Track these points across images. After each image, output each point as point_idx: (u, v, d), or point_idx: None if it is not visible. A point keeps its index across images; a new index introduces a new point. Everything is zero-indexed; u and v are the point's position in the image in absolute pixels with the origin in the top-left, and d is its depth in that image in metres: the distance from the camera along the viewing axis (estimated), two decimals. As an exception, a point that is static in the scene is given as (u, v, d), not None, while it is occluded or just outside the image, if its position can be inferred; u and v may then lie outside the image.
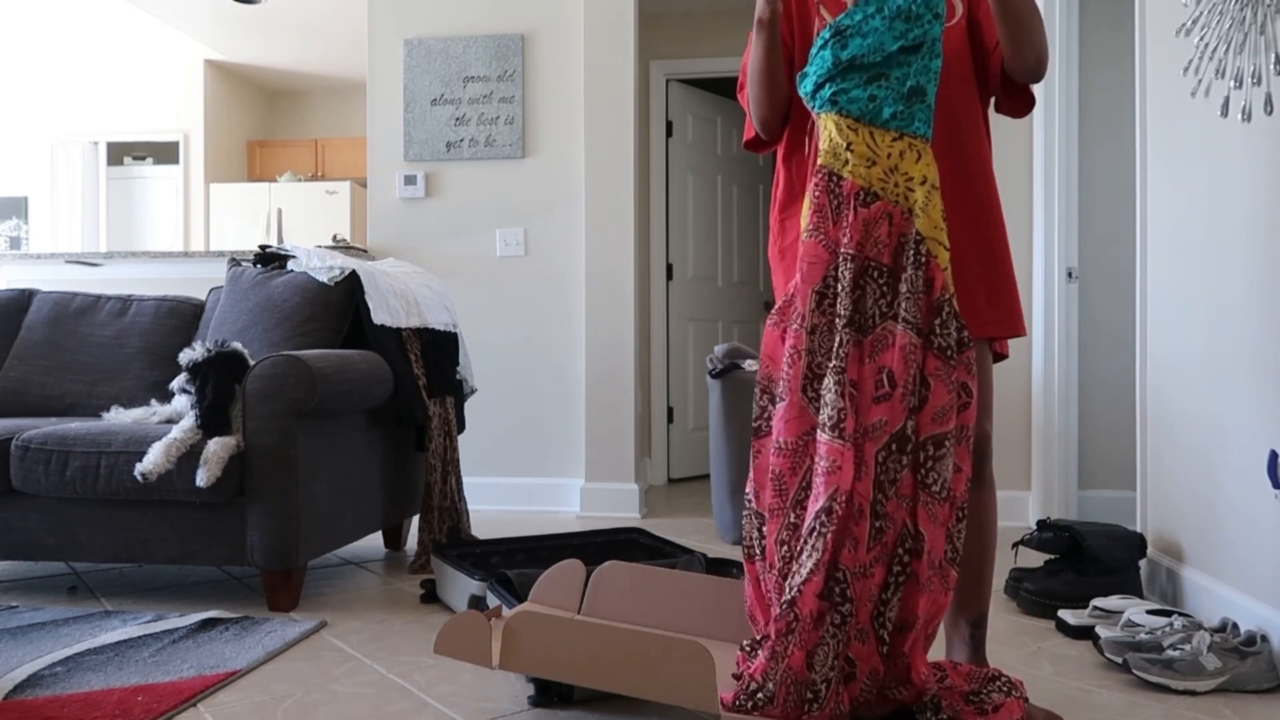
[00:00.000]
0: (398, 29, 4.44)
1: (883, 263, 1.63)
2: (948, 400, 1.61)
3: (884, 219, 1.62)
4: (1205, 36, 2.37)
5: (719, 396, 3.66)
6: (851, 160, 1.63)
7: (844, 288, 1.62)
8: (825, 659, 1.55)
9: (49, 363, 3.27)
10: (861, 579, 1.58)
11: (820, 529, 1.56)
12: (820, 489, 1.57)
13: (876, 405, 1.60)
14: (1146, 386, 2.81)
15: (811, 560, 1.56)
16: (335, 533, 2.77)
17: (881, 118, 1.63)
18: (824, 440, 1.59)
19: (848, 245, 1.62)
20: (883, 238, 1.63)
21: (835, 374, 1.60)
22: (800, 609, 1.55)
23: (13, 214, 7.99)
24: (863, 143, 1.63)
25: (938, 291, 1.63)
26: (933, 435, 1.60)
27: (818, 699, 1.54)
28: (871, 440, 1.59)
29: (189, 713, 1.85)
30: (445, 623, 1.72)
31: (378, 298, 3.06)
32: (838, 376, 1.60)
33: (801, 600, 1.55)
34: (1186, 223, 2.54)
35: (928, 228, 1.63)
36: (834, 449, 1.57)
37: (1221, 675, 1.96)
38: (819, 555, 1.55)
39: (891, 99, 1.62)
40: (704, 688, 1.56)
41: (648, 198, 5.22)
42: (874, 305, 1.62)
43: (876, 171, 1.63)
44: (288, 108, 8.77)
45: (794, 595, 1.56)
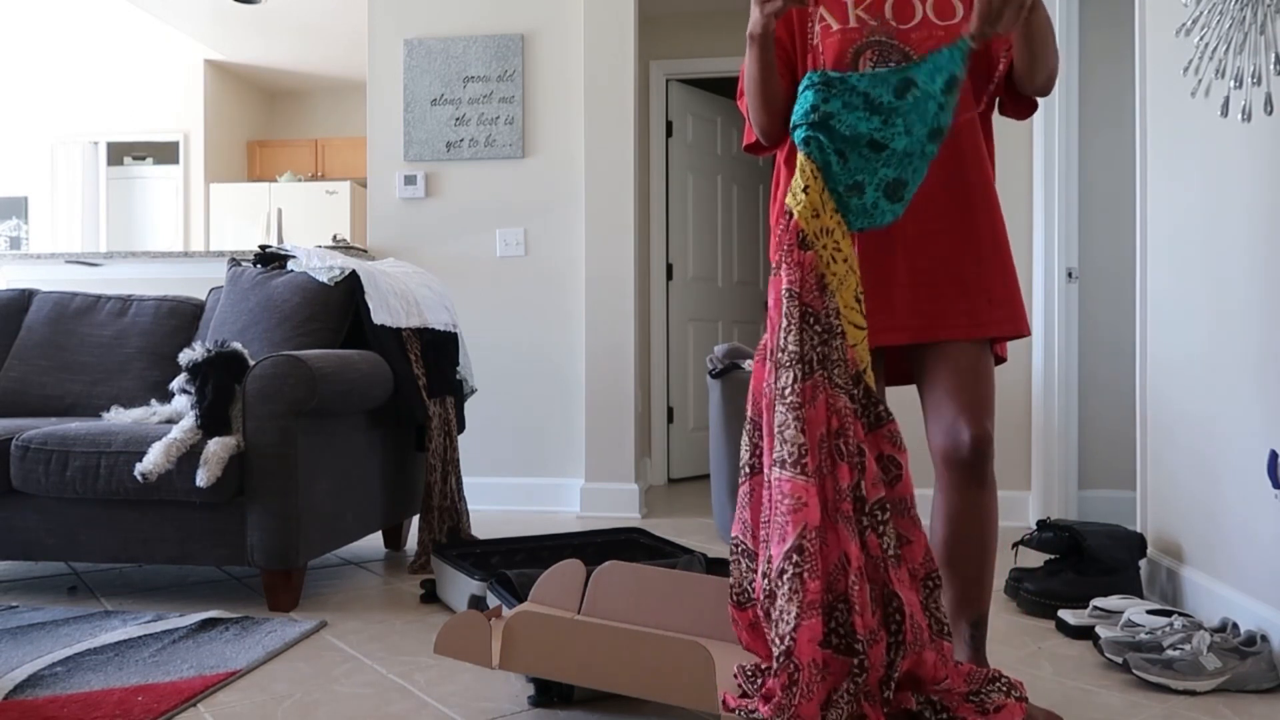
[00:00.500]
0: (398, 29, 4.44)
1: (817, 311, 1.62)
2: (876, 469, 1.60)
3: (813, 271, 1.62)
4: (1205, 36, 2.37)
5: (719, 396, 3.66)
6: (803, 203, 1.62)
7: (792, 324, 1.60)
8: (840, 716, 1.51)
9: (49, 363, 3.27)
10: (874, 645, 1.54)
11: (795, 570, 1.51)
12: (788, 529, 1.52)
13: (839, 462, 1.58)
14: (1146, 386, 2.81)
15: (794, 605, 1.50)
16: (335, 533, 2.77)
17: (835, 190, 1.62)
18: (785, 477, 1.54)
19: (791, 283, 1.62)
20: (812, 288, 1.62)
21: (792, 410, 1.57)
22: (800, 658, 1.49)
23: (13, 214, 7.99)
24: (816, 193, 1.62)
25: (851, 364, 1.62)
26: (878, 500, 1.59)
27: None
28: (848, 501, 1.57)
29: (189, 713, 1.85)
30: (445, 623, 1.72)
31: (378, 298, 3.06)
32: (796, 413, 1.56)
33: (799, 649, 1.49)
34: (1186, 223, 2.55)
35: (843, 305, 1.62)
36: (797, 486, 1.53)
37: (1221, 675, 1.96)
38: (801, 597, 1.50)
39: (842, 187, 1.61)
40: (704, 688, 1.56)
41: (648, 198, 5.23)
42: (811, 351, 1.60)
43: (815, 225, 1.62)
44: (288, 108, 8.77)
45: (788, 645, 1.50)
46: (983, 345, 1.78)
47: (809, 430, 1.56)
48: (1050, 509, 3.73)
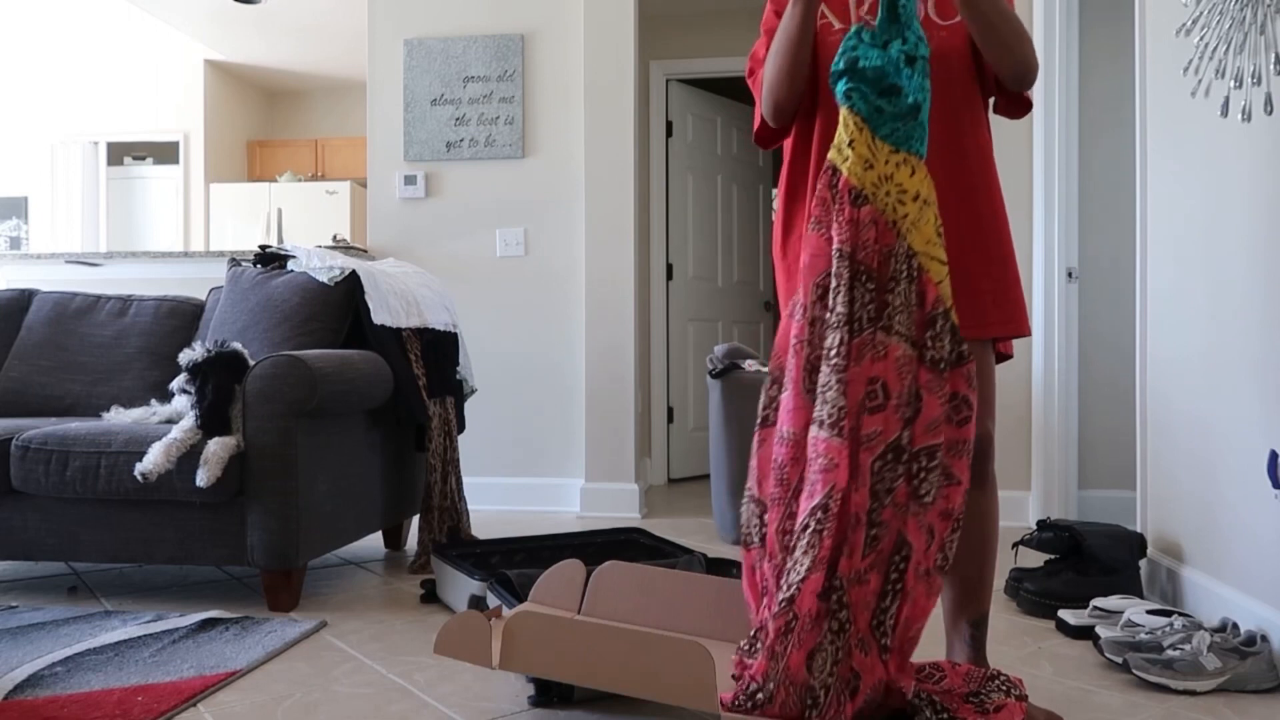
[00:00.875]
0: (398, 29, 4.44)
1: (870, 268, 1.63)
2: (940, 413, 1.61)
3: (871, 225, 1.62)
4: (1205, 36, 2.37)
5: (719, 396, 3.66)
6: (851, 158, 1.63)
7: (841, 284, 1.62)
8: (824, 665, 1.55)
9: (49, 363, 3.27)
10: (858, 585, 1.57)
11: (816, 526, 1.56)
12: (817, 486, 1.57)
13: (871, 415, 1.60)
14: (1146, 387, 2.81)
15: (809, 558, 1.55)
16: (335, 533, 2.77)
17: (881, 131, 1.63)
18: (822, 437, 1.59)
19: (842, 243, 1.63)
20: (870, 242, 1.62)
21: (836, 372, 1.60)
22: (799, 608, 1.55)
23: (13, 214, 7.99)
24: (864, 144, 1.63)
25: (930, 305, 1.62)
26: (925, 447, 1.60)
27: (817, 705, 1.54)
28: (867, 449, 1.59)
29: (189, 713, 1.85)
30: (445, 623, 1.72)
31: (378, 298, 3.06)
32: (839, 375, 1.60)
33: (800, 598, 1.55)
34: (1186, 223, 2.54)
35: (920, 243, 1.62)
36: (832, 446, 1.57)
37: (1221, 675, 1.96)
38: (816, 552, 1.55)
39: (891, 116, 1.62)
40: (704, 688, 1.56)
41: (648, 198, 5.23)
42: (861, 309, 1.62)
43: (871, 176, 1.63)
44: (288, 108, 8.77)
45: (793, 593, 1.55)
46: (985, 345, 1.78)
47: (850, 392, 1.59)
48: (1050, 509, 3.73)
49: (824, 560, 1.55)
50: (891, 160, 1.63)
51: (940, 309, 1.62)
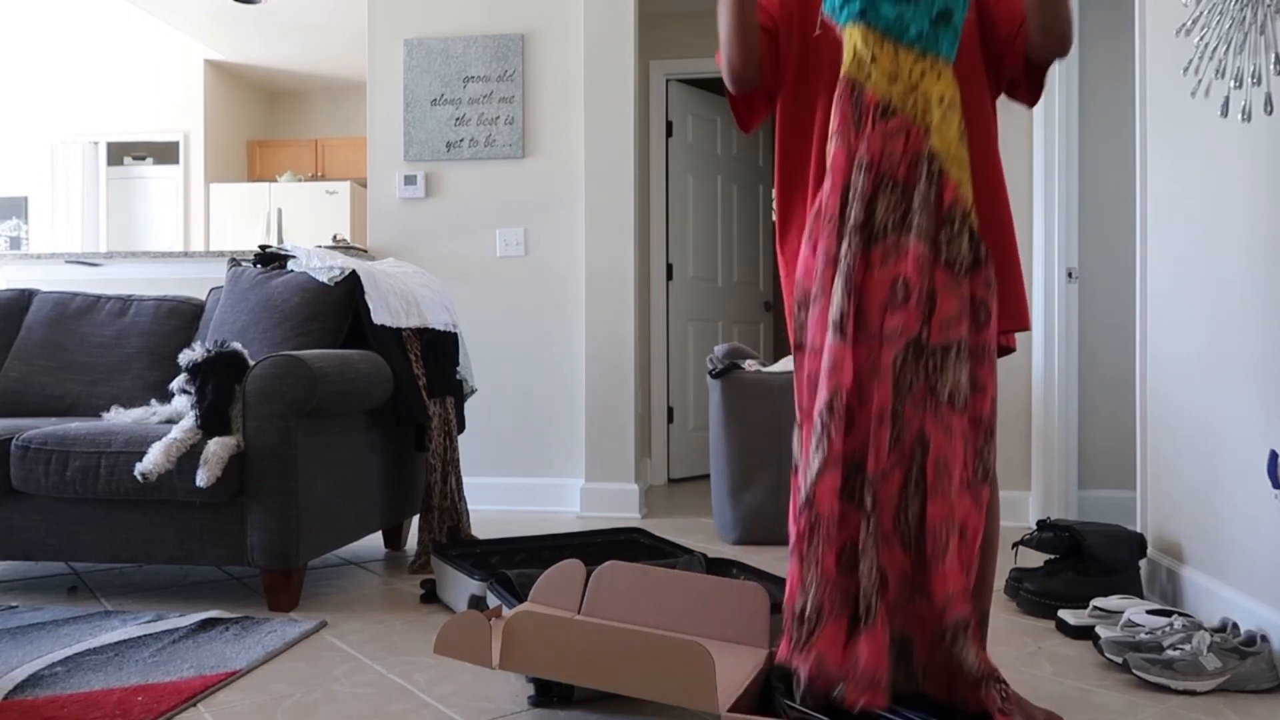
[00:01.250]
0: (398, 29, 4.44)
1: (897, 177, 1.64)
2: (955, 309, 1.62)
3: (901, 134, 1.64)
4: (1205, 36, 2.37)
5: (719, 396, 3.67)
6: (874, 74, 1.65)
7: (857, 195, 1.63)
8: (869, 569, 1.56)
9: (49, 363, 3.27)
10: (884, 482, 1.59)
11: (823, 426, 1.58)
12: (823, 388, 1.60)
13: (892, 313, 1.62)
14: (1147, 386, 2.81)
15: (819, 457, 1.57)
16: (335, 533, 2.77)
17: (908, 36, 1.64)
18: (829, 341, 1.61)
19: (864, 155, 1.64)
20: (898, 152, 1.64)
21: (843, 276, 1.62)
22: (820, 507, 1.57)
23: (13, 214, 7.99)
24: (887, 58, 1.65)
25: (947, 205, 1.64)
26: (941, 344, 1.62)
27: (870, 613, 1.55)
28: (889, 346, 1.61)
29: (189, 713, 1.86)
30: (445, 623, 1.72)
31: (378, 298, 3.06)
32: (845, 279, 1.62)
33: (819, 499, 1.57)
34: (1186, 222, 2.54)
35: (941, 145, 1.64)
36: (835, 348, 1.60)
37: (1221, 675, 1.96)
38: (825, 451, 1.57)
39: (919, 19, 1.64)
40: (704, 688, 1.56)
41: (648, 198, 5.23)
42: (886, 216, 1.64)
43: (897, 88, 1.65)
44: (288, 108, 8.77)
45: (810, 493, 1.57)
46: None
47: (873, 294, 1.62)
48: (1050, 509, 3.73)
49: (836, 459, 1.57)
50: (916, 68, 1.65)
51: (959, 210, 1.64)
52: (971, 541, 1.60)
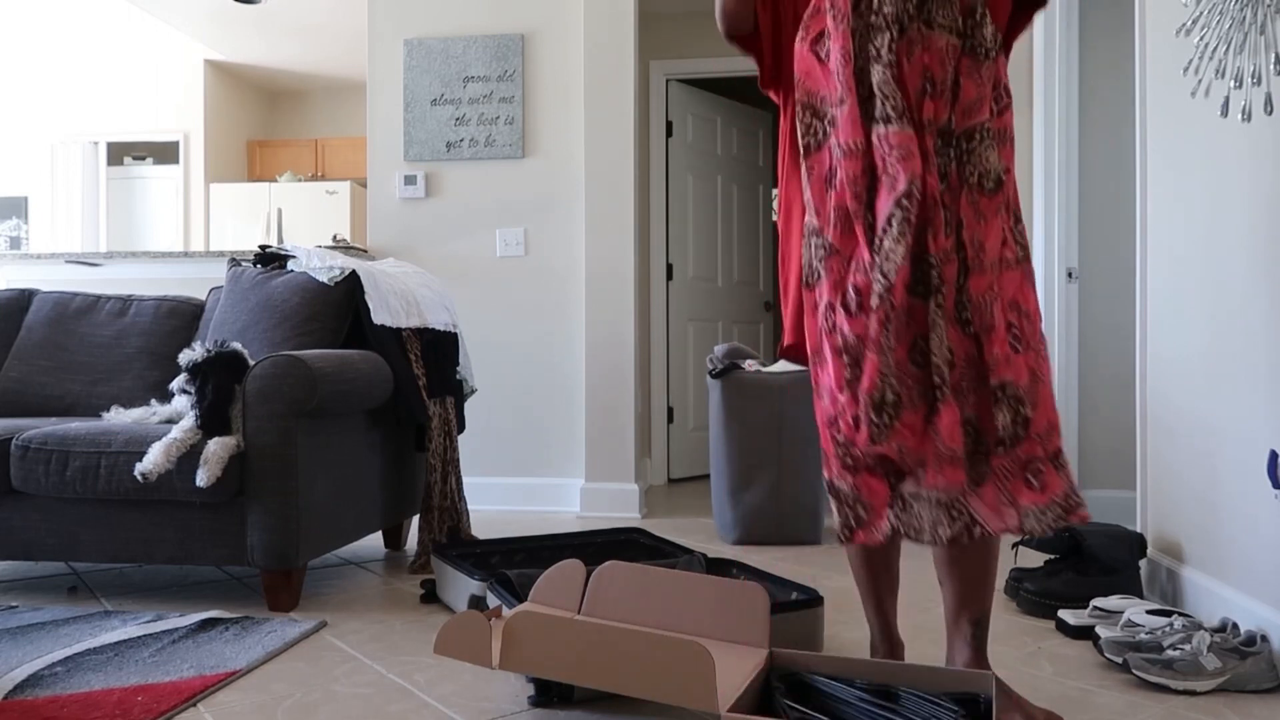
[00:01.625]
0: (398, 29, 4.44)
1: None
2: (976, 93, 1.66)
3: None
4: (1205, 36, 2.37)
5: (719, 396, 3.66)
6: None
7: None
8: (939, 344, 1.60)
9: (49, 363, 3.27)
10: (946, 264, 1.63)
11: (903, 214, 1.59)
12: (900, 176, 1.60)
13: (925, 102, 1.64)
14: (1147, 386, 2.81)
15: (900, 247, 1.59)
16: (335, 533, 2.77)
17: None
18: (893, 130, 1.62)
19: None
20: None
21: (889, 68, 1.63)
22: (895, 298, 1.59)
23: (13, 214, 7.99)
24: None
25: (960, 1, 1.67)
26: (965, 129, 1.66)
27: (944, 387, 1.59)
28: (929, 134, 1.64)
29: (189, 713, 1.86)
30: (445, 623, 1.72)
31: (378, 298, 3.06)
32: (893, 70, 1.63)
33: (894, 290, 1.59)
34: (1187, 222, 2.54)
35: None
36: (905, 136, 1.61)
37: (1221, 675, 1.96)
38: (906, 241, 1.59)
39: None
40: (704, 688, 1.56)
41: (648, 198, 5.23)
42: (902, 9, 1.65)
43: None
44: (288, 108, 8.77)
45: (889, 283, 1.59)
46: None
47: (909, 84, 1.64)
48: (1050, 509, 3.72)
49: (910, 249, 1.59)
50: None
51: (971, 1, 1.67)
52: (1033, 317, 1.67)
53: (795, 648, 2.03)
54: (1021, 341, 1.66)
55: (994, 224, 1.66)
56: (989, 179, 1.65)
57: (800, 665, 1.78)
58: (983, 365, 1.64)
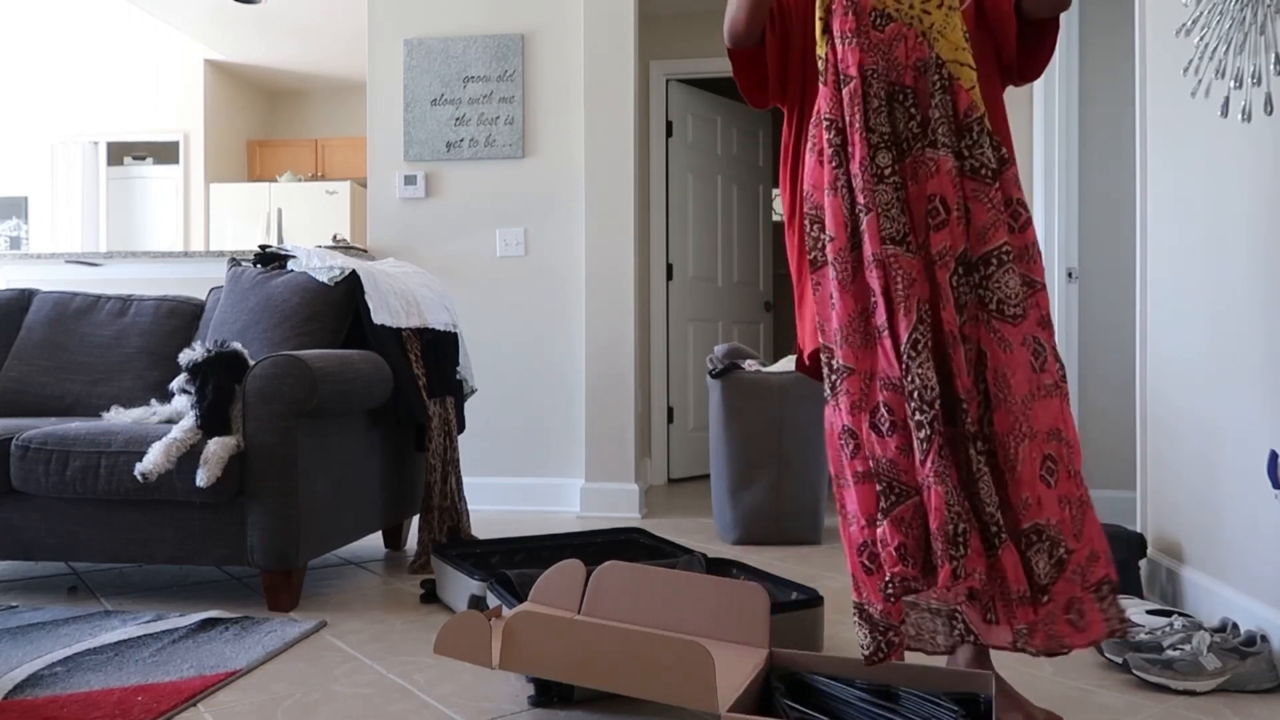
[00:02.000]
0: (398, 29, 4.44)
1: (906, 84, 1.62)
2: (989, 218, 1.60)
3: (899, 40, 1.62)
4: (1205, 36, 2.37)
5: (719, 396, 3.66)
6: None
7: (882, 105, 1.61)
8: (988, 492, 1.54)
9: (49, 363, 3.27)
10: (972, 403, 1.57)
11: (922, 339, 1.54)
12: (910, 304, 1.55)
13: (936, 233, 1.59)
14: (1147, 386, 2.81)
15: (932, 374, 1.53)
16: (335, 533, 2.77)
17: None
18: (899, 252, 1.57)
19: (871, 64, 1.61)
20: (900, 59, 1.62)
21: (895, 190, 1.59)
22: (940, 426, 1.52)
23: (13, 214, 7.99)
24: None
25: (963, 113, 1.62)
26: (983, 255, 1.60)
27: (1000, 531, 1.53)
28: (942, 267, 1.58)
29: (189, 713, 1.86)
30: (445, 623, 1.72)
31: (378, 298, 3.06)
32: (899, 192, 1.59)
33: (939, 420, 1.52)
34: (1187, 222, 2.55)
35: (948, 51, 1.61)
36: (910, 263, 1.57)
37: (1221, 675, 1.96)
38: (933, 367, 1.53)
39: None
40: (704, 688, 1.56)
41: (648, 198, 5.23)
42: (905, 128, 1.61)
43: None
44: (288, 108, 8.77)
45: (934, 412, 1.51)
46: None
47: (913, 210, 1.59)
48: (1050, 509, 3.72)
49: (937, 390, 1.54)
50: None
51: (975, 115, 1.62)
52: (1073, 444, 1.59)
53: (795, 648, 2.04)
54: (1056, 474, 1.59)
55: (1020, 355, 1.58)
56: (1010, 305, 1.58)
57: (800, 665, 1.78)
58: (1009, 509, 1.57)
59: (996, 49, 1.79)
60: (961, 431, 1.55)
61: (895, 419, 1.56)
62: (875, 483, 1.58)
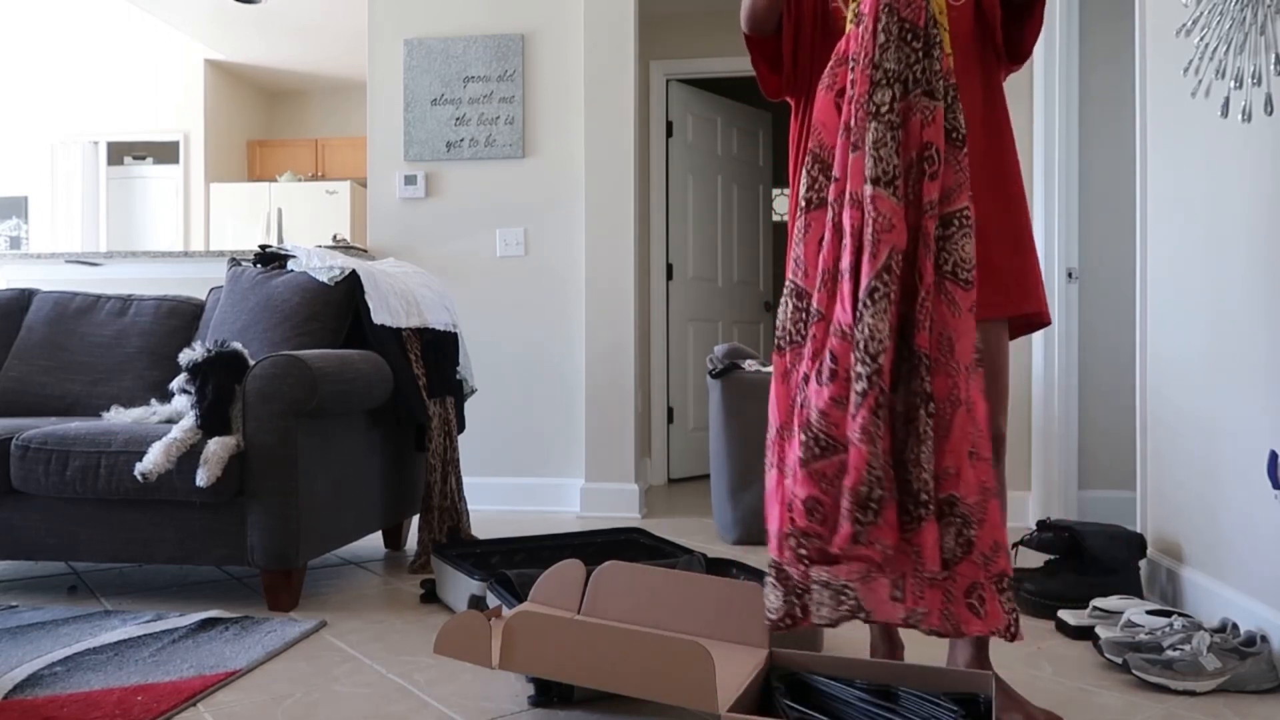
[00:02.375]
0: (398, 29, 4.44)
1: (917, 25, 1.56)
2: (955, 179, 1.56)
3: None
4: (1205, 37, 2.37)
5: (719, 396, 3.66)
6: None
7: (891, 39, 1.55)
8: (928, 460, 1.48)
9: (49, 363, 3.27)
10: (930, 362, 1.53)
11: (883, 288, 1.48)
12: (880, 248, 1.49)
13: (930, 182, 1.54)
14: (1147, 386, 2.81)
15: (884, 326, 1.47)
16: (335, 533, 2.77)
17: None
18: (882, 194, 1.51)
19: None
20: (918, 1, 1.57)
21: (890, 129, 1.53)
22: (884, 382, 1.47)
23: (13, 214, 7.99)
24: None
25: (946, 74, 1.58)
26: (944, 215, 1.55)
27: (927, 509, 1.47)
28: (930, 218, 1.54)
29: (189, 712, 1.86)
30: (445, 623, 1.72)
31: (378, 298, 3.06)
32: (894, 131, 1.53)
33: (883, 375, 1.47)
34: (1186, 222, 2.55)
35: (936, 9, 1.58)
36: (891, 205, 1.50)
37: (1221, 675, 1.96)
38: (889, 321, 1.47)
39: None
40: (704, 688, 1.56)
41: (648, 198, 5.23)
42: (910, 69, 1.56)
43: None
44: (288, 108, 8.77)
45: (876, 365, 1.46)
46: (1000, 335, 1.78)
47: (903, 151, 1.54)
48: (1050, 509, 3.73)
49: (894, 329, 1.48)
50: None
51: (952, 81, 1.58)
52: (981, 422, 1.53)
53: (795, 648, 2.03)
54: (977, 455, 1.53)
55: (967, 321, 1.54)
56: (964, 269, 1.54)
57: (800, 665, 1.78)
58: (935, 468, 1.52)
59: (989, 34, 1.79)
60: (917, 389, 1.50)
61: (836, 368, 1.51)
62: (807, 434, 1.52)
